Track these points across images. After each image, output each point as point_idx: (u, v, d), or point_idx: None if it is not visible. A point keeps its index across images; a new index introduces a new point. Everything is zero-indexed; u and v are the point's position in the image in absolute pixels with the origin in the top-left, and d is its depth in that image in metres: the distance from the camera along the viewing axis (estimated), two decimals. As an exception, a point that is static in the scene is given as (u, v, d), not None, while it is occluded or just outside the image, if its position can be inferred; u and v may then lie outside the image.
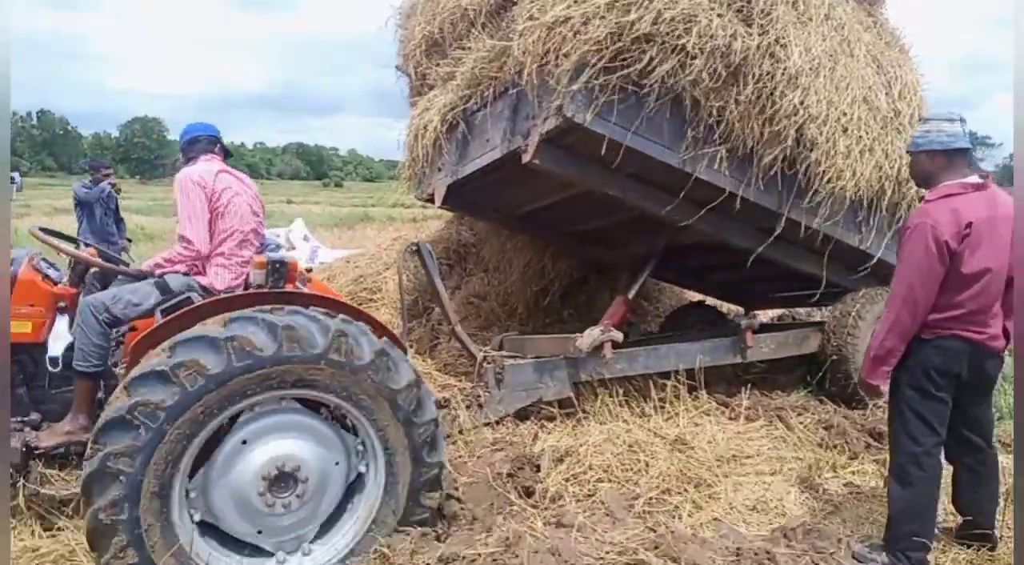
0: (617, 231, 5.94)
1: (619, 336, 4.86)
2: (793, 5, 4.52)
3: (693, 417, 4.75)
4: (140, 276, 3.56)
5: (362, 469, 3.13)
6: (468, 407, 4.82)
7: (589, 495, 3.70)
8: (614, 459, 3.92)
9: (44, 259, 3.63)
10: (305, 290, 3.47)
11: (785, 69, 4.34)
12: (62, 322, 3.49)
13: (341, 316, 3.02)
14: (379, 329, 3.18)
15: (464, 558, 3.02)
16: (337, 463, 3.04)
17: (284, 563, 2.97)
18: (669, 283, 7.69)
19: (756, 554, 3.05)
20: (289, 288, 3.32)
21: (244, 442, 2.86)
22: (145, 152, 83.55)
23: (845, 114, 4.63)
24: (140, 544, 2.64)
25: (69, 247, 3.54)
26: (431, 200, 5.86)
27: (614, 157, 4.21)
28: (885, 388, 3.15)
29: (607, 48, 3.91)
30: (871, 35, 5.22)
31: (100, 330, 3.26)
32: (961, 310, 3.01)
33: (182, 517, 2.74)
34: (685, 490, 3.72)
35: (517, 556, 2.97)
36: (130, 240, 6.90)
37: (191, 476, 2.79)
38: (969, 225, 2.97)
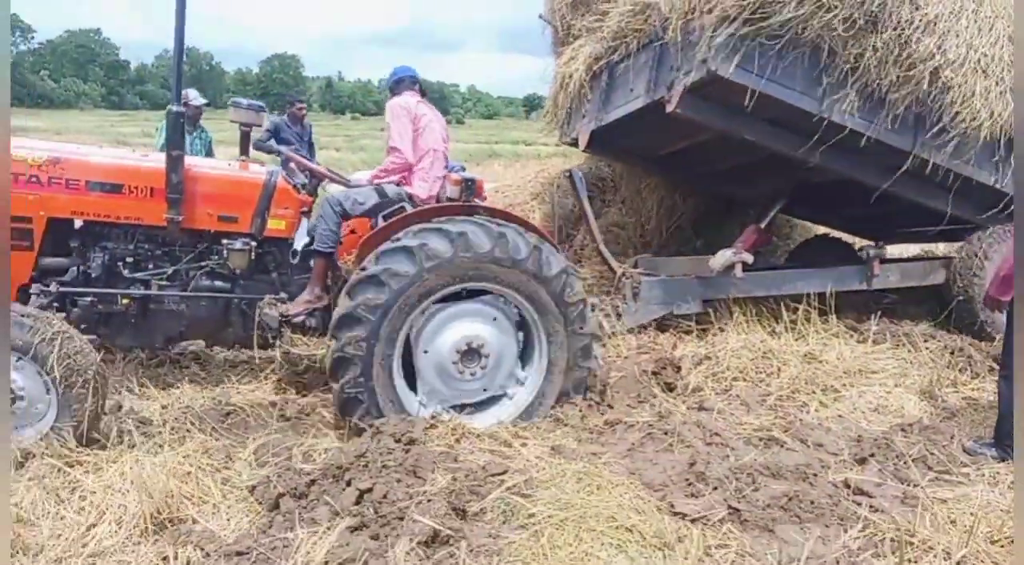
0: (750, 170, 6.28)
1: (749, 258, 5.36)
2: None
3: (822, 338, 5.18)
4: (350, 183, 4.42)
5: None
6: (607, 316, 5.47)
7: (726, 390, 4.33)
8: (749, 363, 4.51)
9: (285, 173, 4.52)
10: (483, 204, 4.21)
11: (924, 15, 4.50)
12: (304, 224, 4.41)
13: (508, 223, 3.78)
14: (534, 230, 3.90)
15: (624, 423, 3.76)
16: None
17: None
18: (799, 218, 7.94)
19: (875, 440, 3.59)
20: (477, 201, 4.09)
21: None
22: (283, 88, 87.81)
23: (986, 55, 4.73)
24: (376, 407, 3.56)
25: (311, 164, 4.41)
26: (574, 144, 6.39)
27: (753, 104, 4.59)
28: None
29: (748, 1, 4.25)
30: None
31: (335, 219, 4.08)
32: None
33: (398, 368, 3.64)
34: (813, 392, 4.26)
35: (669, 424, 3.66)
36: (317, 164, 7.92)
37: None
38: None
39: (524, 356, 3.95)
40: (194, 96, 7.33)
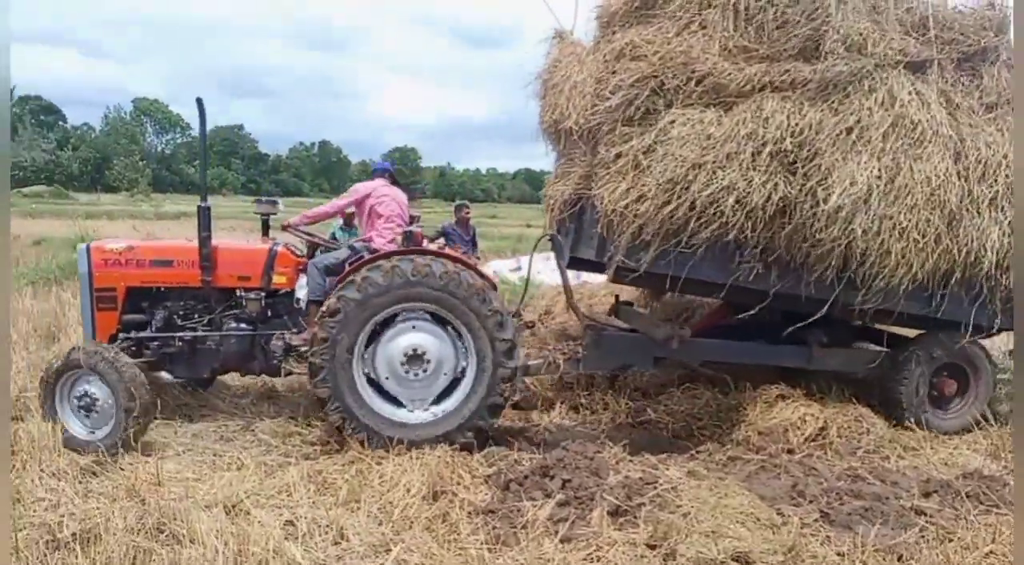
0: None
1: (687, 334, 5.70)
2: (848, 132, 4.96)
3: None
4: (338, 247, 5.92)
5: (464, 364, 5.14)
6: (568, 360, 5.75)
7: (824, 441, 5.49)
8: (844, 423, 5.64)
9: (289, 244, 5.86)
10: (427, 247, 5.50)
11: (824, 211, 4.86)
12: (302, 279, 5.67)
13: (432, 258, 5.07)
14: (459, 262, 5.13)
15: (743, 459, 5.03)
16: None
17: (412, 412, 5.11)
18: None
19: (941, 482, 4.69)
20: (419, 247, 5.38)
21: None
22: (403, 177, 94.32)
23: (901, 222, 5.02)
24: (335, 378, 4.92)
25: (310, 235, 5.92)
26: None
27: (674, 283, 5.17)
28: None
29: (655, 220, 4.88)
30: (968, 103, 5.44)
31: (320, 274, 5.44)
32: None
33: (358, 369, 5.01)
34: (895, 447, 5.38)
35: (778, 461, 4.92)
36: (478, 258, 9.72)
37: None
38: None
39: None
40: None
